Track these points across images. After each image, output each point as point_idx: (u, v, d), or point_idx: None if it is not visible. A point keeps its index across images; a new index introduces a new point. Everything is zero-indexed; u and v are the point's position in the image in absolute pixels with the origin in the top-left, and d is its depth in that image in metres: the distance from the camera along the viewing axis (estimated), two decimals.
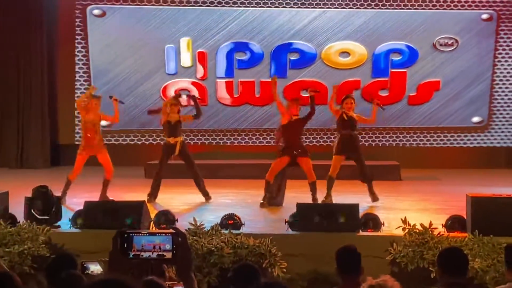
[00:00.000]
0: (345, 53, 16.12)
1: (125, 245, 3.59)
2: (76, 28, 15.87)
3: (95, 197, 10.42)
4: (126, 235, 3.61)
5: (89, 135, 10.91)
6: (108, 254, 3.68)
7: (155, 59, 15.84)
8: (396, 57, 16.11)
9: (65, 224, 8.18)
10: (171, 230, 3.67)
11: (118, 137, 16.28)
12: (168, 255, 3.60)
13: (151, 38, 15.76)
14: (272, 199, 10.54)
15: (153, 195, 11.09)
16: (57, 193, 9.00)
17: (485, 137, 16.37)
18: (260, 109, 16.06)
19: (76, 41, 15.97)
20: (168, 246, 3.60)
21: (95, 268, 4.97)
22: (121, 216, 7.84)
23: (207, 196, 11.08)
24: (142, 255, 3.61)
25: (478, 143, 16.37)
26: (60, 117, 16.85)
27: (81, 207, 8.26)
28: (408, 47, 16.07)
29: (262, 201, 10.47)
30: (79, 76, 16.02)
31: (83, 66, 16.01)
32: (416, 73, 16.17)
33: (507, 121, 16.33)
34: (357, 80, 16.09)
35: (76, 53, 15.99)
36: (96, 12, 15.79)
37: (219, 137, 16.12)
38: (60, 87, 16.81)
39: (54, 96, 16.73)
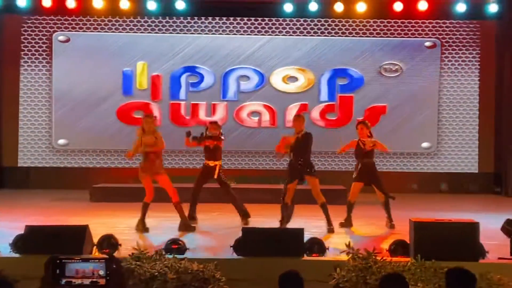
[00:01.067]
0: (292, 77, 16.55)
1: (58, 271, 3.51)
2: (42, 53, 16.61)
3: (36, 221, 10.22)
4: (58, 261, 3.52)
5: (149, 156, 10.49)
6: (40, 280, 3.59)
7: (113, 82, 16.56)
8: (342, 82, 16.52)
9: (4, 249, 7.98)
10: (105, 256, 3.60)
11: (68, 159, 16.60)
12: (102, 281, 3.52)
13: (110, 62, 16.53)
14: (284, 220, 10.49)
15: (193, 217, 11.19)
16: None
17: (435, 163, 16.65)
18: None
19: (41, 64, 16.68)
20: (102, 272, 3.52)
21: None
22: (62, 241, 7.67)
23: (245, 217, 11.13)
24: (74, 282, 3.52)
25: (428, 168, 16.63)
26: (4, 139, 16.64)
27: (22, 231, 8.08)
28: (354, 72, 16.44)
29: (280, 221, 10.39)
30: (42, 97, 16.61)
31: (46, 88, 16.59)
32: (363, 97, 16.50)
33: (456, 147, 16.63)
34: (304, 104, 16.47)
35: (41, 75, 16.64)
36: (61, 38, 16.61)
37: (171, 158, 16.11)
38: (4, 110, 16.66)
39: None
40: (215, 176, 11.27)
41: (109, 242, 8.13)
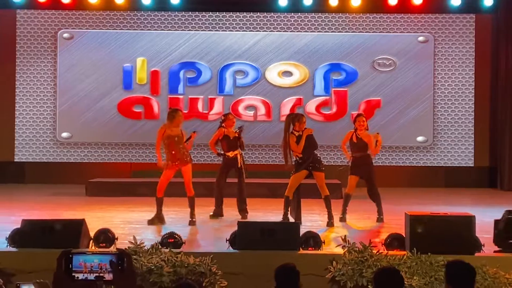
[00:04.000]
0: (287, 72, 16.69)
1: (70, 266, 3.49)
2: (47, 50, 16.92)
3: (33, 215, 10.24)
4: (70, 256, 3.51)
5: (173, 152, 10.59)
6: (48, 274, 3.57)
7: (114, 77, 16.90)
8: (336, 76, 16.63)
9: (1, 243, 8.00)
10: (115, 251, 3.58)
11: (71, 152, 16.80)
12: (109, 276, 3.51)
13: (111, 58, 16.89)
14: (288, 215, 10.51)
15: (218, 213, 11.26)
16: None
17: (431, 157, 16.68)
18: (208, 124, 16.51)
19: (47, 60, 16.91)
20: (109, 267, 3.51)
21: None
22: (59, 235, 7.68)
23: (242, 212, 11.22)
24: (78, 277, 3.51)
25: (424, 162, 16.65)
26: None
27: (19, 226, 8.09)
28: (347, 67, 16.56)
29: (282, 219, 10.42)
30: (47, 92, 16.87)
31: (50, 83, 16.88)
32: (357, 92, 16.59)
33: (452, 141, 16.66)
34: (299, 98, 16.62)
35: (46, 71, 16.88)
36: (65, 35, 16.96)
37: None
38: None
39: None
40: (239, 165, 11.32)
41: (106, 236, 8.15)
